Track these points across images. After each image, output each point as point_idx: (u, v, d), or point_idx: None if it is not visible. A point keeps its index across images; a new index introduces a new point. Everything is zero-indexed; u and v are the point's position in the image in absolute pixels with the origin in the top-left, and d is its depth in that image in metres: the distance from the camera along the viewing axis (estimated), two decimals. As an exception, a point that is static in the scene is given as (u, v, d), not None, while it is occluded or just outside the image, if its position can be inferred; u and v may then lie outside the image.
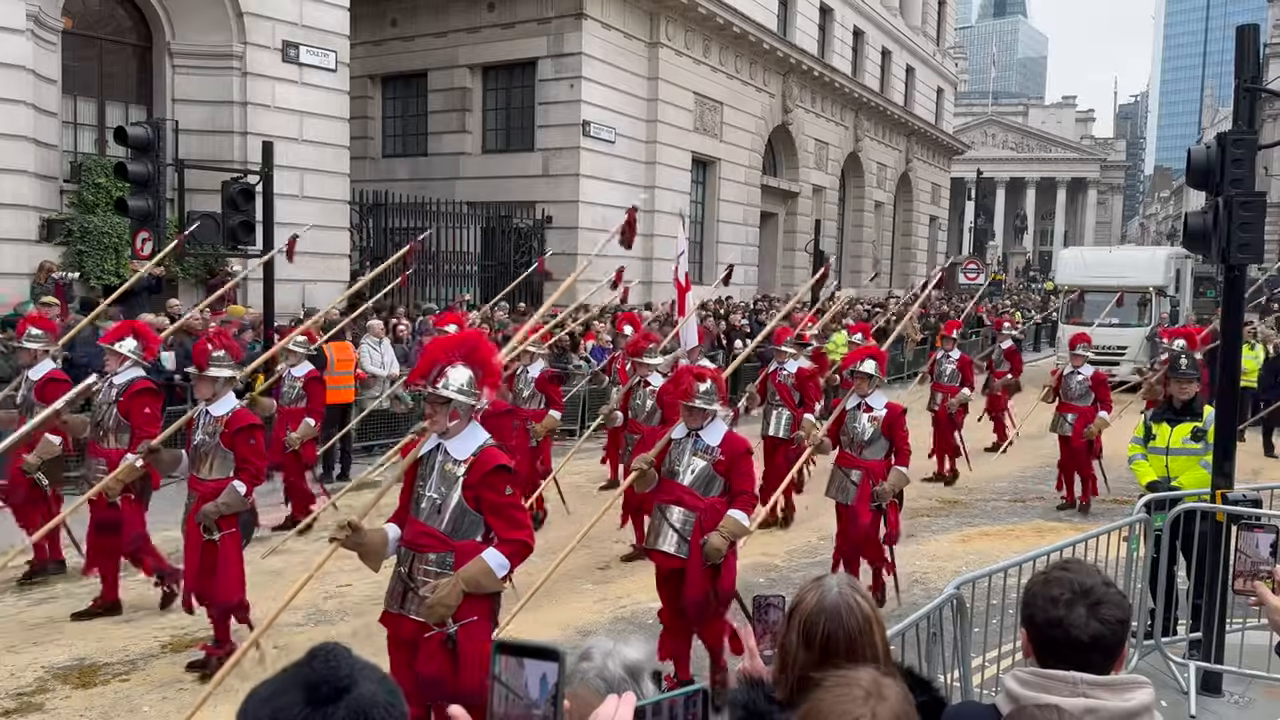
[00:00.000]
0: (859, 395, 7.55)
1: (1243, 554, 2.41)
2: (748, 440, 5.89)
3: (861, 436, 7.45)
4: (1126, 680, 2.01)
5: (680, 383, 5.84)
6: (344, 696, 1.34)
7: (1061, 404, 11.37)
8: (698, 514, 5.62)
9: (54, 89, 13.75)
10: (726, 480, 5.70)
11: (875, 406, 7.45)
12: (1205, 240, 5.70)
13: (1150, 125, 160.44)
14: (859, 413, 7.51)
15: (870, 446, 7.44)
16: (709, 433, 5.73)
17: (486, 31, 21.66)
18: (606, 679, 1.88)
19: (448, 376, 4.33)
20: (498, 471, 4.33)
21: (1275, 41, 50.92)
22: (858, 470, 7.41)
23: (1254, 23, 5.98)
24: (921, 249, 43.12)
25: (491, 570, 4.27)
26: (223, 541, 5.94)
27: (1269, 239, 50.01)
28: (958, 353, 13.16)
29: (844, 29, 33.01)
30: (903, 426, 7.36)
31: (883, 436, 7.39)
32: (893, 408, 7.42)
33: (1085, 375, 11.30)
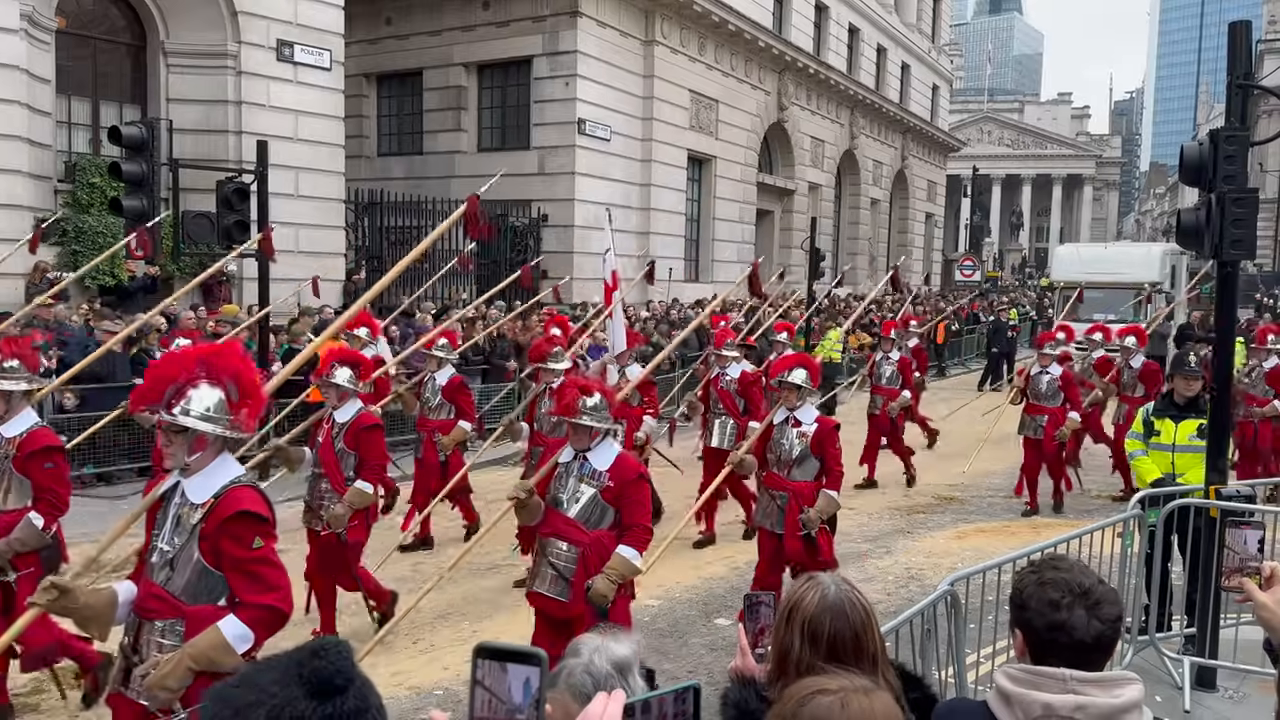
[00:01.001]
0: (787, 408, 6.73)
1: (1231, 550, 2.42)
2: (641, 465, 5.23)
3: (789, 454, 6.64)
4: (1116, 677, 2.02)
5: (562, 396, 5.13)
6: (350, 687, 1.35)
7: (1029, 405, 10.89)
8: (581, 550, 4.99)
9: (48, 88, 13.72)
10: (617, 511, 5.01)
11: (805, 421, 6.66)
12: (1198, 236, 5.70)
13: (1146, 121, 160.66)
14: (787, 428, 6.70)
15: (799, 466, 6.64)
16: (598, 455, 5.05)
17: (481, 30, 21.65)
18: (593, 674, 1.87)
19: (189, 398, 3.51)
20: (241, 519, 3.47)
21: (1270, 38, 51.03)
22: (785, 493, 6.63)
23: (1246, 19, 6.00)
24: (918, 246, 43.15)
25: (227, 644, 3.41)
26: (19, 584, 5.05)
27: (1263, 235, 50.14)
28: (898, 354, 12.64)
29: (839, 26, 33.01)
30: (835, 444, 6.61)
31: (812, 455, 6.60)
32: (824, 423, 6.70)
33: (1054, 375, 10.82)
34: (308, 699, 1.33)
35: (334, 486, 6.39)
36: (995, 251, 63.11)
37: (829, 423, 6.73)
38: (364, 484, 6.37)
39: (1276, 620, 2.22)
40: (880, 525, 10.24)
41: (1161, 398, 7.27)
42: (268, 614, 3.49)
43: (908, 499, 11.41)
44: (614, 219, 22.26)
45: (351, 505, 6.31)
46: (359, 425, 6.44)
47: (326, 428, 6.57)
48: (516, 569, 8.35)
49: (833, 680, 1.65)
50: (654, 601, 7.65)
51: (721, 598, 7.72)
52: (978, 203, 45.85)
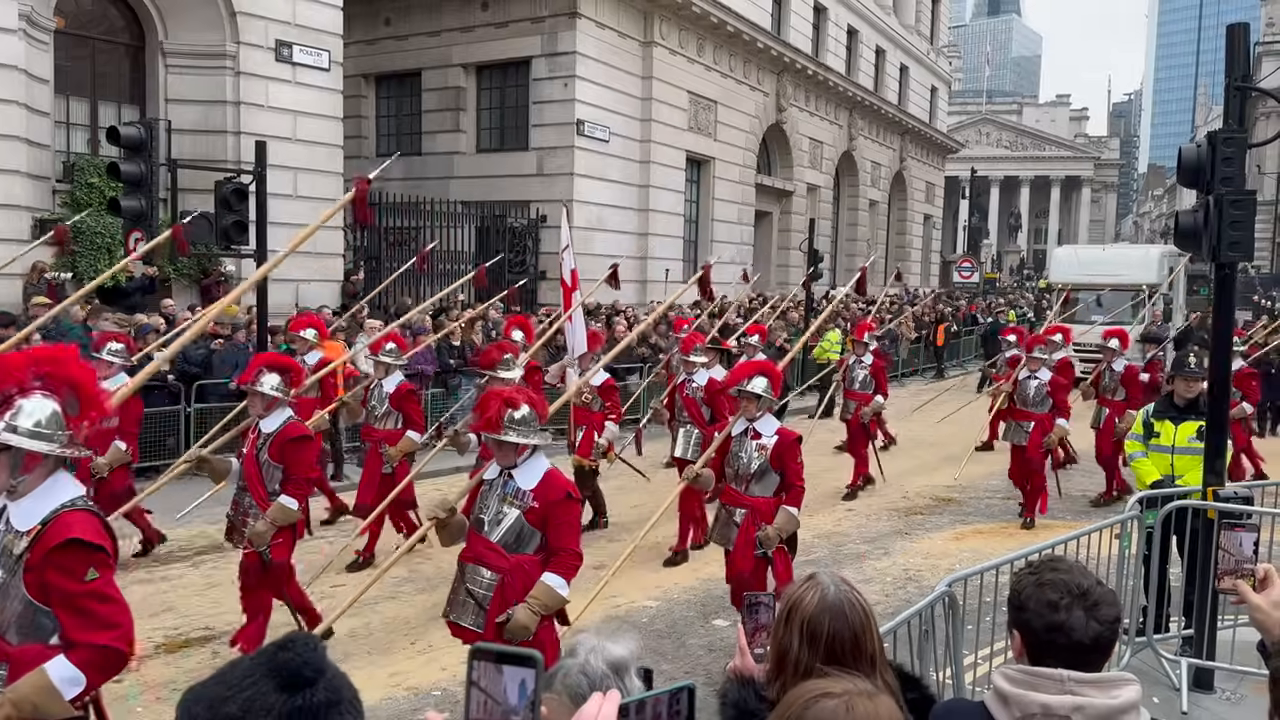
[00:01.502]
0: (746, 419, 6.34)
1: (1226, 552, 2.42)
2: (570, 483, 4.78)
3: (748, 469, 6.26)
4: (1114, 678, 2.03)
5: (484, 409, 4.65)
6: (320, 679, 1.37)
7: (1016, 411, 10.60)
8: (501, 577, 4.58)
9: (46, 89, 13.71)
10: (544, 534, 4.61)
11: (765, 433, 6.25)
12: (1196, 238, 5.71)
13: (1144, 123, 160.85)
14: (746, 440, 6.32)
15: (758, 481, 6.25)
16: (524, 473, 4.62)
17: (480, 30, 21.65)
18: (589, 674, 1.87)
19: (17, 411, 3.12)
20: (71, 548, 3.02)
21: (1268, 40, 51.10)
22: (742, 509, 6.26)
23: (1244, 21, 6.01)
24: (916, 248, 43.19)
25: (53, 688, 2.97)
26: None
27: (1261, 237, 50.18)
28: (871, 358, 12.26)
29: (838, 28, 33.03)
30: (796, 458, 6.20)
31: (772, 469, 6.20)
32: (785, 435, 6.28)
33: (1043, 380, 10.49)
34: (277, 692, 1.35)
35: (257, 502, 5.95)
36: (993, 253, 63.18)
37: (790, 435, 6.32)
38: (288, 499, 5.91)
39: (1270, 622, 2.22)
40: (878, 526, 10.24)
41: (1162, 399, 7.27)
42: (101, 655, 3.05)
43: (906, 500, 11.41)
44: (611, 220, 22.34)
45: (274, 522, 5.85)
46: (285, 436, 5.97)
47: (252, 438, 6.12)
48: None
49: (836, 684, 1.66)
50: (652, 603, 7.66)
51: (719, 599, 7.71)
52: (976, 204, 45.94)
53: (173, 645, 6.52)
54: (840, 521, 10.39)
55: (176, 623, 6.82)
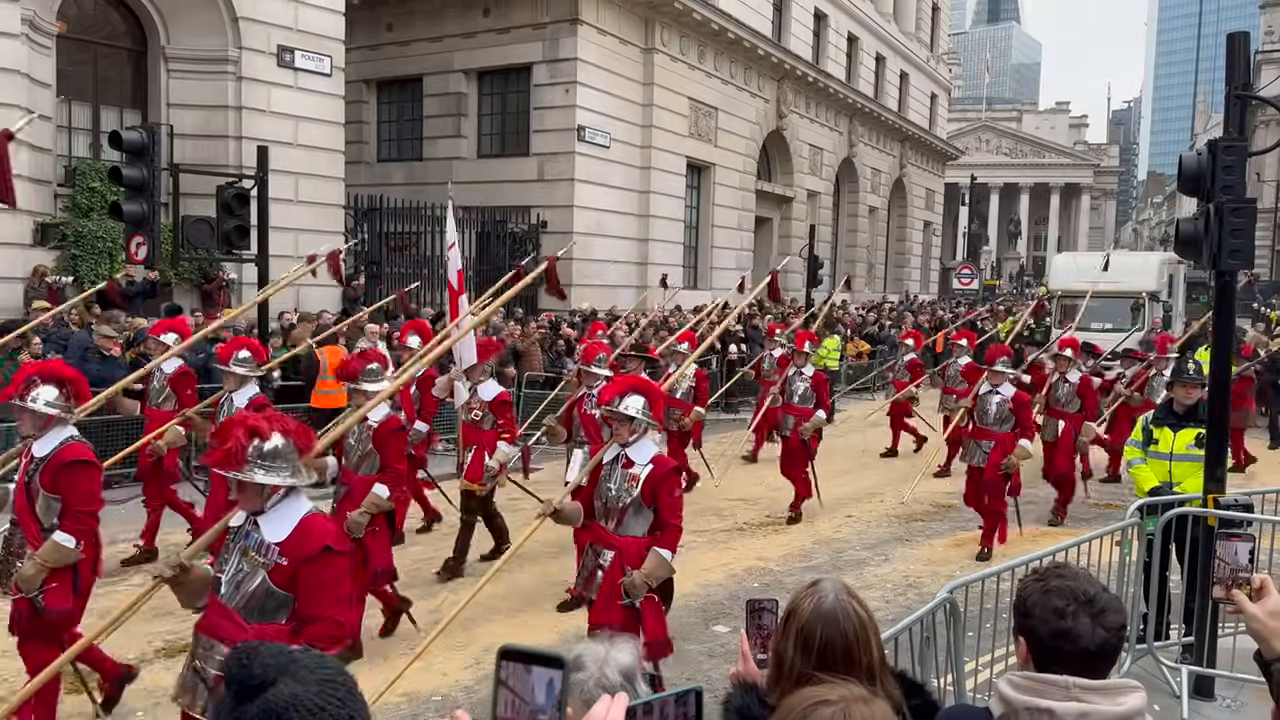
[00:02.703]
0: (619, 444, 5.43)
1: (1222, 562, 2.43)
2: (333, 532, 3.81)
3: (617, 501, 5.37)
4: (1119, 684, 2.03)
5: (223, 438, 3.70)
6: (258, 695, 1.37)
7: (976, 429, 9.62)
8: None
9: (48, 93, 13.75)
10: (293, 598, 3.68)
11: (639, 461, 5.37)
12: (1196, 246, 5.73)
13: (1143, 131, 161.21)
14: (616, 469, 5.43)
15: (630, 517, 5.36)
16: (272, 521, 3.69)
17: (482, 36, 21.70)
18: (606, 688, 1.87)
19: None
20: None
21: (1267, 48, 51.20)
22: (610, 551, 5.37)
23: (1244, 30, 6.03)
24: (916, 254, 43.25)
25: None
26: None
27: (1261, 245, 50.24)
28: (811, 369, 11.20)
29: (838, 35, 33.10)
30: (672, 490, 5.36)
31: (642, 505, 5.32)
32: (661, 464, 5.39)
33: (1005, 396, 9.43)
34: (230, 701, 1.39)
35: (28, 539, 4.94)
36: (993, 260, 63.25)
37: (666, 464, 5.44)
38: (63, 536, 4.84)
39: (1267, 631, 2.23)
40: (878, 533, 10.24)
41: (1161, 406, 7.27)
42: None
43: (905, 507, 11.40)
44: (612, 226, 22.35)
45: (44, 563, 4.81)
46: (59, 461, 4.91)
47: (23, 462, 5.12)
48: (512, 576, 8.35)
49: (833, 690, 1.66)
50: (652, 608, 7.64)
51: (720, 605, 7.72)
52: (976, 211, 46.01)
53: (172, 650, 6.51)
54: (840, 528, 10.39)
55: (175, 628, 6.80)
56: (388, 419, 6.61)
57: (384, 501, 6.46)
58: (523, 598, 7.81)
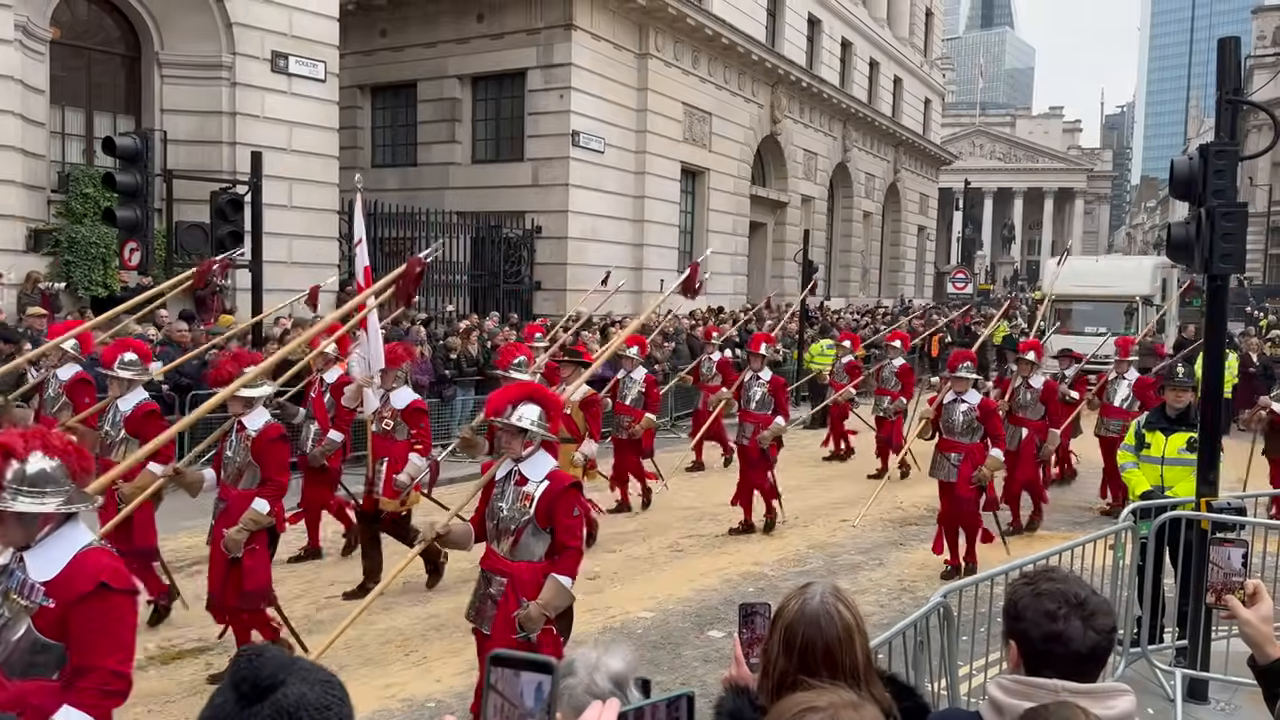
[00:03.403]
0: (511, 459, 4.96)
1: (1215, 566, 2.44)
2: (114, 568, 3.15)
3: (511, 523, 4.88)
4: (1108, 688, 2.04)
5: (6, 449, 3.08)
6: (269, 696, 1.38)
7: (943, 440, 8.90)
8: None
9: (42, 99, 13.73)
10: (63, 647, 3.06)
11: (533, 477, 4.89)
12: (1188, 250, 5.75)
13: (1137, 135, 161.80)
14: (509, 486, 4.93)
15: (527, 540, 4.87)
16: (40, 558, 3.11)
17: (476, 42, 21.71)
18: (595, 694, 1.87)
19: None
20: None
21: (1259, 53, 51.42)
22: (502, 577, 4.87)
23: (1235, 35, 6.06)
24: (910, 259, 43.33)
25: None
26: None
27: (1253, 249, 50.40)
28: (769, 373, 10.61)
29: (832, 40, 33.18)
30: (569, 511, 4.84)
31: (538, 525, 4.84)
32: (558, 479, 4.91)
33: (971, 404, 8.80)
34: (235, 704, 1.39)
35: None
36: (987, 264, 63.34)
37: (564, 480, 4.93)
38: None
39: (1260, 636, 2.24)
40: (873, 537, 10.25)
41: (1154, 410, 7.31)
42: None
43: (900, 511, 11.41)
44: (606, 231, 22.34)
45: None
46: None
47: None
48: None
49: (821, 696, 1.67)
50: (647, 614, 7.65)
51: (715, 609, 7.71)
52: (970, 216, 46.13)
53: (166, 657, 6.50)
54: (835, 532, 10.40)
55: (169, 634, 6.79)
56: (268, 427, 6.10)
57: (263, 518, 5.96)
58: (517, 603, 7.79)
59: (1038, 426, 10.57)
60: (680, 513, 10.94)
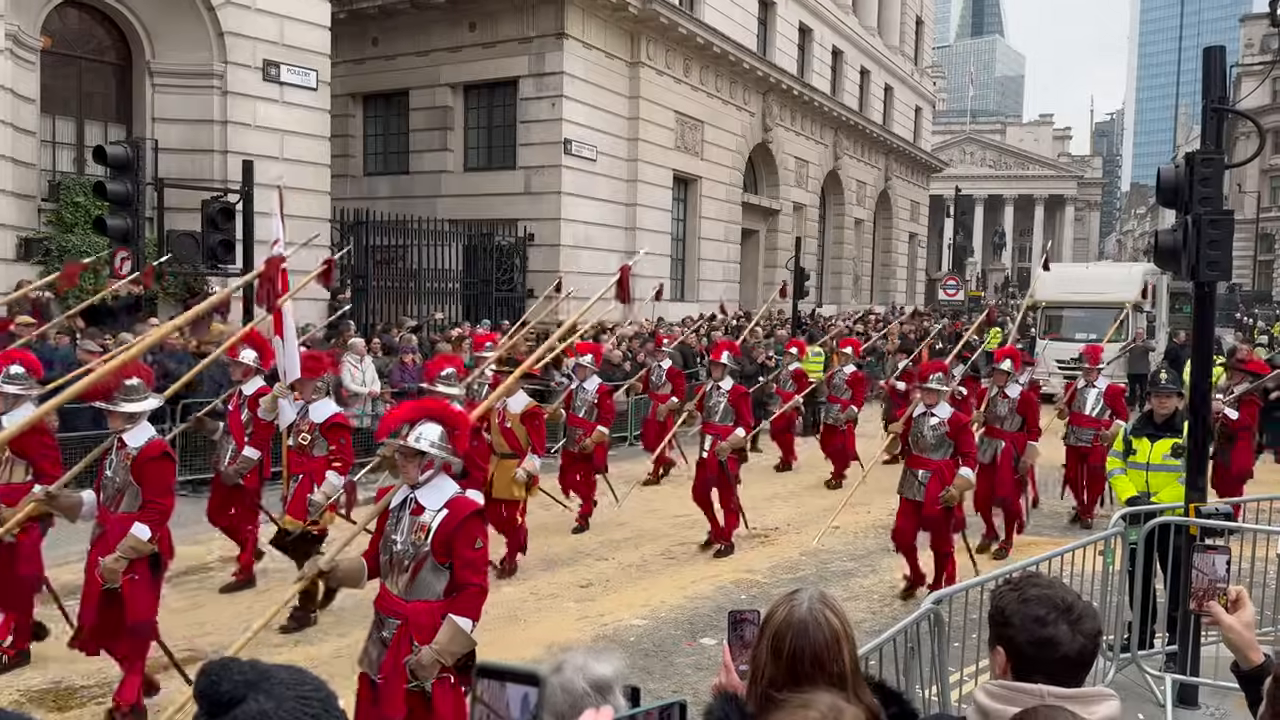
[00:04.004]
0: (407, 485, 4.49)
1: (1200, 573, 2.46)
2: None
3: (404, 557, 4.36)
4: (1092, 693, 2.05)
5: None
6: (228, 712, 1.37)
7: (912, 457, 8.35)
8: None
9: (32, 108, 13.71)
10: None
11: (430, 505, 4.38)
12: (1175, 257, 5.79)
13: (1126, 143, 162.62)
14: (405, 515, 4.44)
15: (424, 576, 4.33)
16: None
17: (468, 51, 21.74)
18: (570, 692, 1.88)
19: None
20: None
21: (1247, 61, 51.73)
22: (396, 619, 4.34)
23: (1221, 44, 6.11)
24: (902, 265, 43.46)
25: None
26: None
27: (1243, 255, 50.68)
28: (730, 383, 9.95)
29: (823, 49, 33.31)
30: (470, 543, 4.32)
31: (436, 560, 4.31)
32: (458, 508, 4.36)
33: (941, 417, 8.11)
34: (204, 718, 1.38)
35: None
36: (978, 271, 63.56)
37: (464, 508, 4.37)
38: None
39: (1242, 642, 2.26)
40: (865, 544, 10.26)
41: (1141, 416, 7.36)
42: None
43: (893, 517, 11.41)
44: (598, 238, 22.33)
45: None
46: None
47: None
48: (499, 589, 8.33)
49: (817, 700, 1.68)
50: (640, 621, 7.65)
51: (707, 617, 7.71)
52: (960, 223, 46.25)
53: (155, 667, 6.46)
54: (827, 539, 10.40)
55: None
56: (150, 444, 5.65)
57: (144, 544, 5.49)
58: (508, 611, 7.79)
59: (1019, 439, 10.00)
60: (672, 520, 10.93)
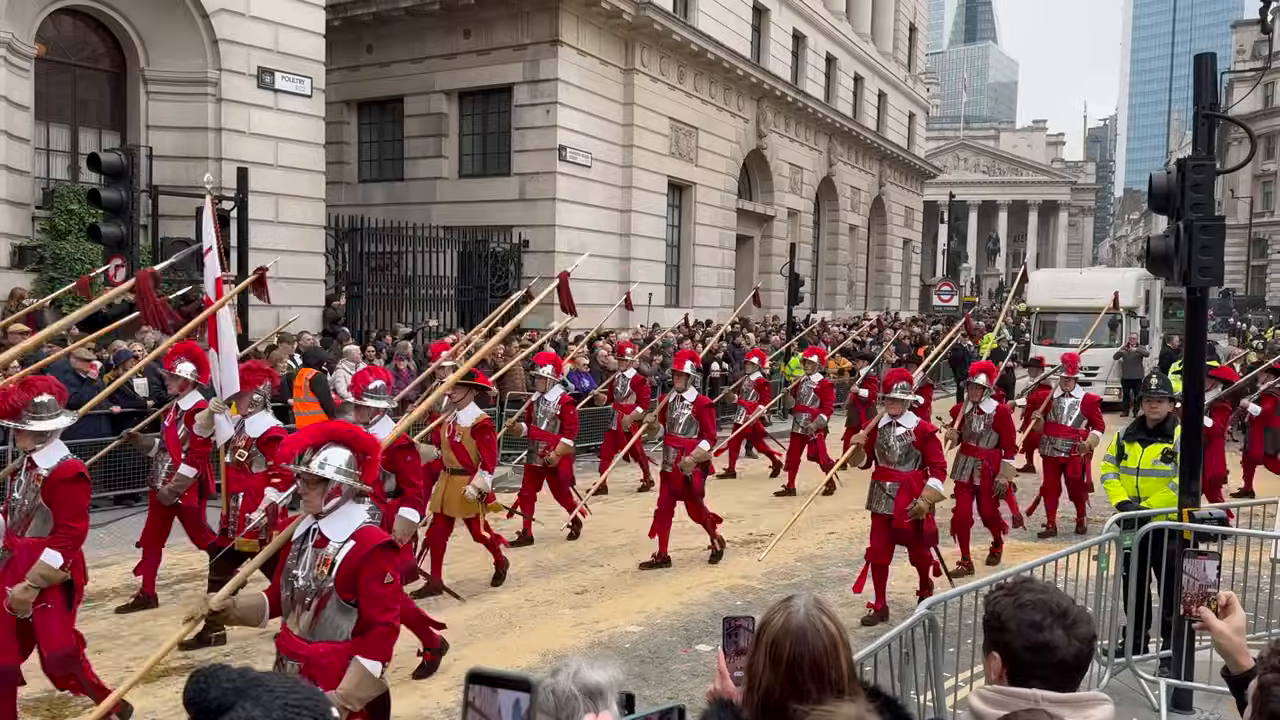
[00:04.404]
0: (312, 515, 4.12)
1: (1191, 578, 2.47)
2: None
3: (307, 594, 3.99)
4: (1087, 697, 2.06)
5: None
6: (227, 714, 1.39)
7: (879, 469, 8.07)
8: None
9: (27, 115, 13.70)
10: None
11: (335, 537, 4.01)
12: (1168, 263, 5.82)
13: (1119, 148, 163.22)
14: (307, 548, 4.07)
15: (329, 615, 3.97)
16: None
17: (463, 58, 21.78)
18: (556, 694, 1.88)
19: None
20: None
21: (1239, 67, 51.95)
22: (298, 661, 3.98)
23: (1211, 51, 6.15)
24: (896, 271, 43.55)
25: None
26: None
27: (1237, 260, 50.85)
28: (694, 394, 9.60)
29: (816, 55, 33.40)
30: (379, 577, 3.96)
31: (340, 596, 3.95)
32: (365, 539, 3.99)
33: (907, 428, 7.81)
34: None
35: None
36: (973, 277, 63.69)
37: (371, 539, 4.01)
38: None
39: (1232, 647, 2.27)
40: (860, 549, 10.21)
41: (1135, 421, 7.38)
42: None
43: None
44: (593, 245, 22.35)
45: None
46: None
47: None
48: (495, 596, 8.33)
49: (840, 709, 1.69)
50: (635, 628, 7.64)
51: (703, 623, 7.71)
52: (955, 228, 46.30)
53: (151, 675, 6.44)
54: (823, 544, 10.41)
55: (149, 653, 6.72)
56: (63, 465, 5.29)
57: (55, 572, 5.19)
58: (504, 619, 7.79)
59: (995, 457, 9.49)
60: (668, 526, 10.93)
